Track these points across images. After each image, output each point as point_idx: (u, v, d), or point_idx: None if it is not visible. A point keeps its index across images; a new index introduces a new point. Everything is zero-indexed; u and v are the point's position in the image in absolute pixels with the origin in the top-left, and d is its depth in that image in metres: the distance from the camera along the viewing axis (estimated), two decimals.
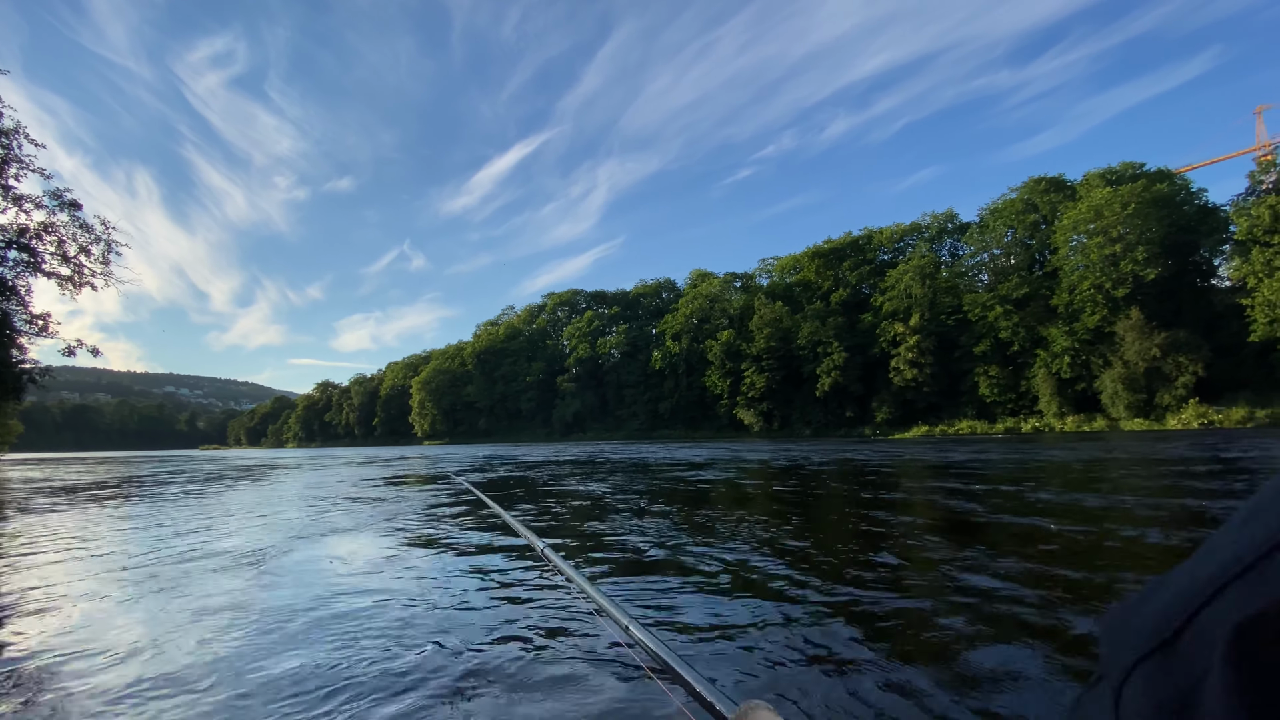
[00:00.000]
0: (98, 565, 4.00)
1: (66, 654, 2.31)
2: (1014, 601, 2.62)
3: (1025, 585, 2.86)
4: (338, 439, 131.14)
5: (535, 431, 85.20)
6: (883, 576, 3.14)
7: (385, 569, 3.65)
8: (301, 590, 3.19)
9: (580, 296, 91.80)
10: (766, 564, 3.50)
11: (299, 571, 3.67)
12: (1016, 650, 2.08)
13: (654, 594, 2.95)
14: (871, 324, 54.09)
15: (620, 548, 4.10)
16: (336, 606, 2.86)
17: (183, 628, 2.58)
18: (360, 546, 4.43)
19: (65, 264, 27.32)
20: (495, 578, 3.39)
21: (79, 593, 3.27)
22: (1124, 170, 45.09)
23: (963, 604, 2.64)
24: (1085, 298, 42.06)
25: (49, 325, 28.31)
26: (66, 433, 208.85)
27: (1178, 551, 3.53)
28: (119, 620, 2.74)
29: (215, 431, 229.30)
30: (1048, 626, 2.30)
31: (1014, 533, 4.25)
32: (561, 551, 3.24)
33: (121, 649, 2.34)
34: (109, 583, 3.49)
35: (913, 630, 2.34)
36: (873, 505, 6.01)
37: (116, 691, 1.95)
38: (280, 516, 6.37)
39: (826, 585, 2.99)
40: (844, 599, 2.76)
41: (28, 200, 26.11)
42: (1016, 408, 46.52)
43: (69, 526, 6.00)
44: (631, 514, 5.73)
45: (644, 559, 3.73)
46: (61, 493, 10.53)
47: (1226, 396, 36.48)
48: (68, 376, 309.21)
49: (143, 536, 5.25)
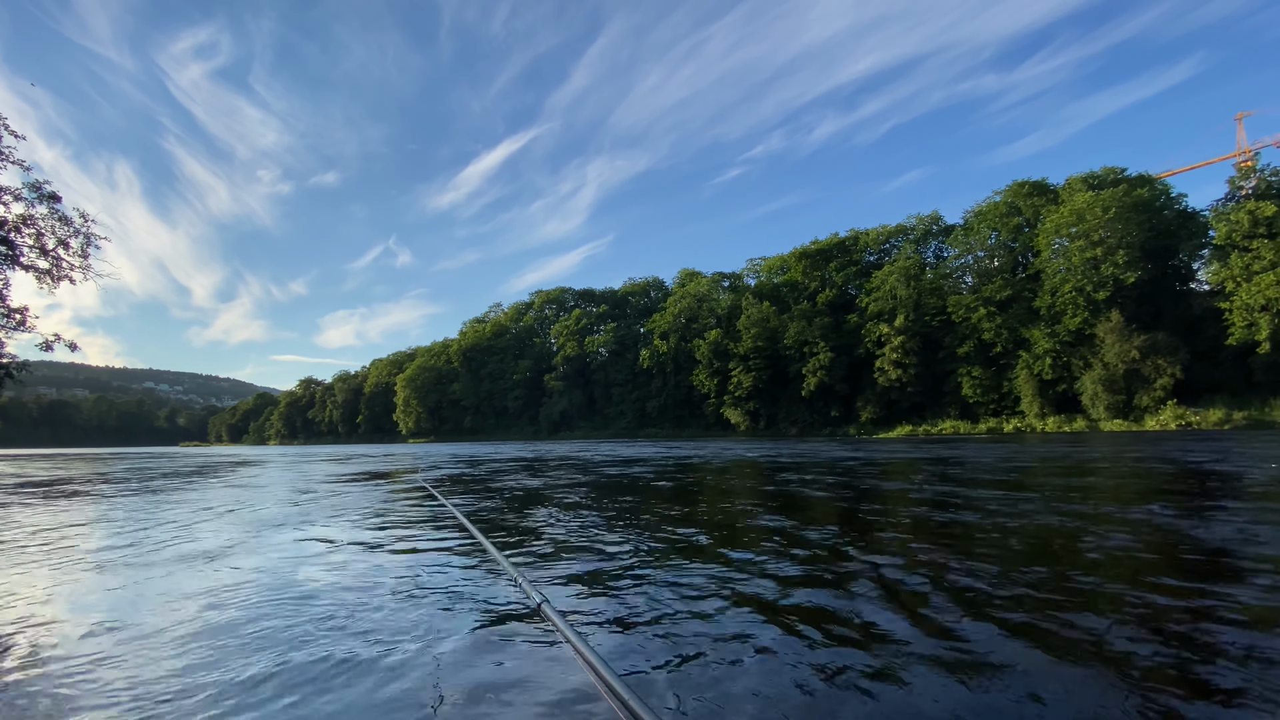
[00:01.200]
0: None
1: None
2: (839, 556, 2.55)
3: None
4: (321, 436, 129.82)
5: (522, 429, 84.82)
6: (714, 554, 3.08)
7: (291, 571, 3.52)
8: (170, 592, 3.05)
9: (568, 294, 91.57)
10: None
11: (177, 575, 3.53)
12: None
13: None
14: (857, 325, 54.41)
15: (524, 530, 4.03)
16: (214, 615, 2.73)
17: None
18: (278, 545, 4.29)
19: (43, 257, 26.71)
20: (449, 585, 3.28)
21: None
22: (1106, 175, 45.69)
23: (793, 554, 2.97)
24: (1067, 300, 42.57)
25: (26, 319, 27.69)
26: (43, 428, 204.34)
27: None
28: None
29: (196, 428, 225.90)
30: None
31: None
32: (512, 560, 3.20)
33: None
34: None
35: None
36: (771, 496, 5.97)
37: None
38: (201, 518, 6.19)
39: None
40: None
41: (6, 192, 25.46)
42: (999, 408, 47.01)
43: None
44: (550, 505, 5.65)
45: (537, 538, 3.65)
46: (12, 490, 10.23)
47: (1204, 398, 37.09)
48: (45, 371, 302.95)
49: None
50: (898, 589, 2.75)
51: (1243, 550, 3.35)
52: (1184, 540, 3.67)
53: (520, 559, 3.58)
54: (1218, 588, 2.64)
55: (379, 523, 5.29)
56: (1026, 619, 2.27)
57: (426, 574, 3.27)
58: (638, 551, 3.73)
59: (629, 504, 6.22)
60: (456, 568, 3.41)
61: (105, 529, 5.37)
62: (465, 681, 1.84)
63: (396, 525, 5.09)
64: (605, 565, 3.38)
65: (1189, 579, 2.80)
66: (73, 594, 3.07)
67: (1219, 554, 3.29)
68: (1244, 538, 3.67)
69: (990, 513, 4.89)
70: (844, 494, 6.73)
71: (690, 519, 5.09)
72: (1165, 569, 3.02)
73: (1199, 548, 3.45)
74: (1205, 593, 2.56)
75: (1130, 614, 2.30)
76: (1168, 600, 2.47)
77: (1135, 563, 3.16)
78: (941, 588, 2.73)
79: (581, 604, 2.66)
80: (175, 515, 6.10)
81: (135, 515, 6.23)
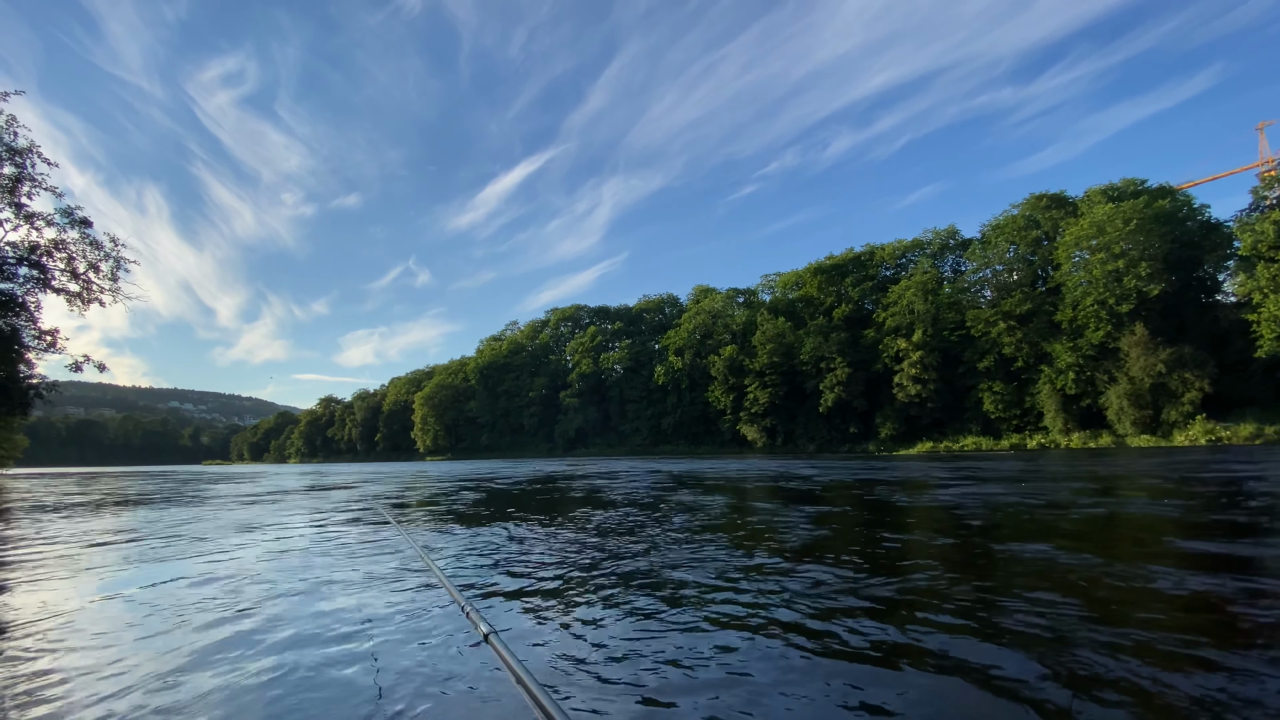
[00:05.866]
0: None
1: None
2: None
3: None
4: (340, 454, 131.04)
5: (538, 447, 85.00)
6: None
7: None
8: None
9: (583, 312, 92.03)
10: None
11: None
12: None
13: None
14: (874, 340, 54.04)
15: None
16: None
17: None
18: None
19: (74, 280, 27.67)
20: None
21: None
22: (1125, 186, 45.24)
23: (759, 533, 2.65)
24: (1089, 313, 42.00)
25: (57, 341, 28.60)
26: (71, 447, 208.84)
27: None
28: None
29: (219, 446, 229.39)
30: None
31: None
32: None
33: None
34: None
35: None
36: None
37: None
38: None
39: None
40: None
41: (39, 218, 26.51)
42: (1021, 424, 46.28)
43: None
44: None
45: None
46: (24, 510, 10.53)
47: (1234, 413, 36.25)
48: (73, 391, 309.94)
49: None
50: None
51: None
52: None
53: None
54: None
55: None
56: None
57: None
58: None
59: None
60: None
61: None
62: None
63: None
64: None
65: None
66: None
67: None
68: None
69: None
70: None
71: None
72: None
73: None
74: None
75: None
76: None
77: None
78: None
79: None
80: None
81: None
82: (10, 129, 24.58)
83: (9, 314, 26.96)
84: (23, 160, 25.18)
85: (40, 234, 26.59)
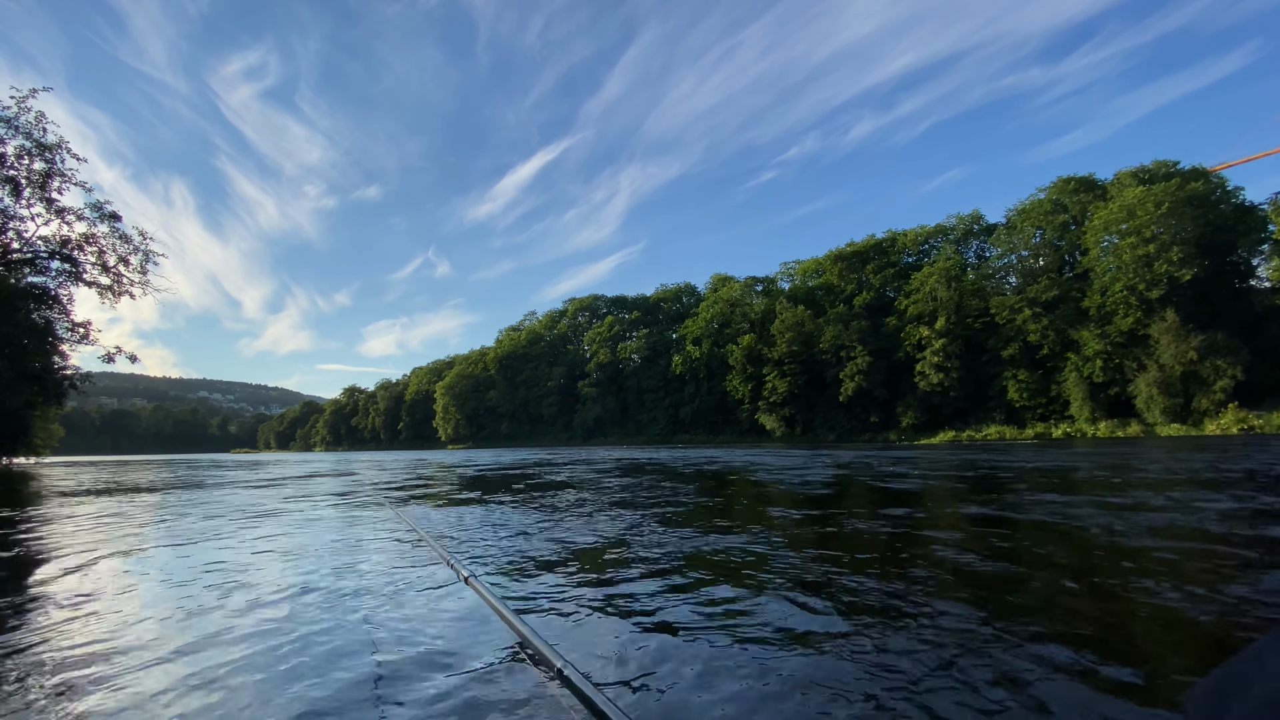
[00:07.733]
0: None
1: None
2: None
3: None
4: (364, 443, 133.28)
5: (556, 436, 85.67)
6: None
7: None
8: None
9: (601, 301, 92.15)
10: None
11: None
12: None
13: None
14: (896, 327, 53.30)
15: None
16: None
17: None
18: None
19: (105, 274, 28.27)
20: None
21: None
22: (1156, 169, 43.84)
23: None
24: (1118, 299, 40.92)
25: (89, 333, 29.32)
26: (104, 437, 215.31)
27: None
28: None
29: (246, 435, 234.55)
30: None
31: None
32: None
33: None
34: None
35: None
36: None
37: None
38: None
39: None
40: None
41: (70, 212, 27.09)
42: (1047, 412, 45.39)
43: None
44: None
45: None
46: (56, 496, 10.84)
47: (1268, 401, 35.16)
48: (106, 382, 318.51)
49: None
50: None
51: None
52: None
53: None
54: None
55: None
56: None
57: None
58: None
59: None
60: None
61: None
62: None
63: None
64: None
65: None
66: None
67: None
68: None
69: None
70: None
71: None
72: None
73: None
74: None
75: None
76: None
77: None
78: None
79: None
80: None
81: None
82: (40, 125, 25.07)
83: (42, 307, 27.69)
84: (52, 156, 25.69)
85: (71, 228, 27.19)
